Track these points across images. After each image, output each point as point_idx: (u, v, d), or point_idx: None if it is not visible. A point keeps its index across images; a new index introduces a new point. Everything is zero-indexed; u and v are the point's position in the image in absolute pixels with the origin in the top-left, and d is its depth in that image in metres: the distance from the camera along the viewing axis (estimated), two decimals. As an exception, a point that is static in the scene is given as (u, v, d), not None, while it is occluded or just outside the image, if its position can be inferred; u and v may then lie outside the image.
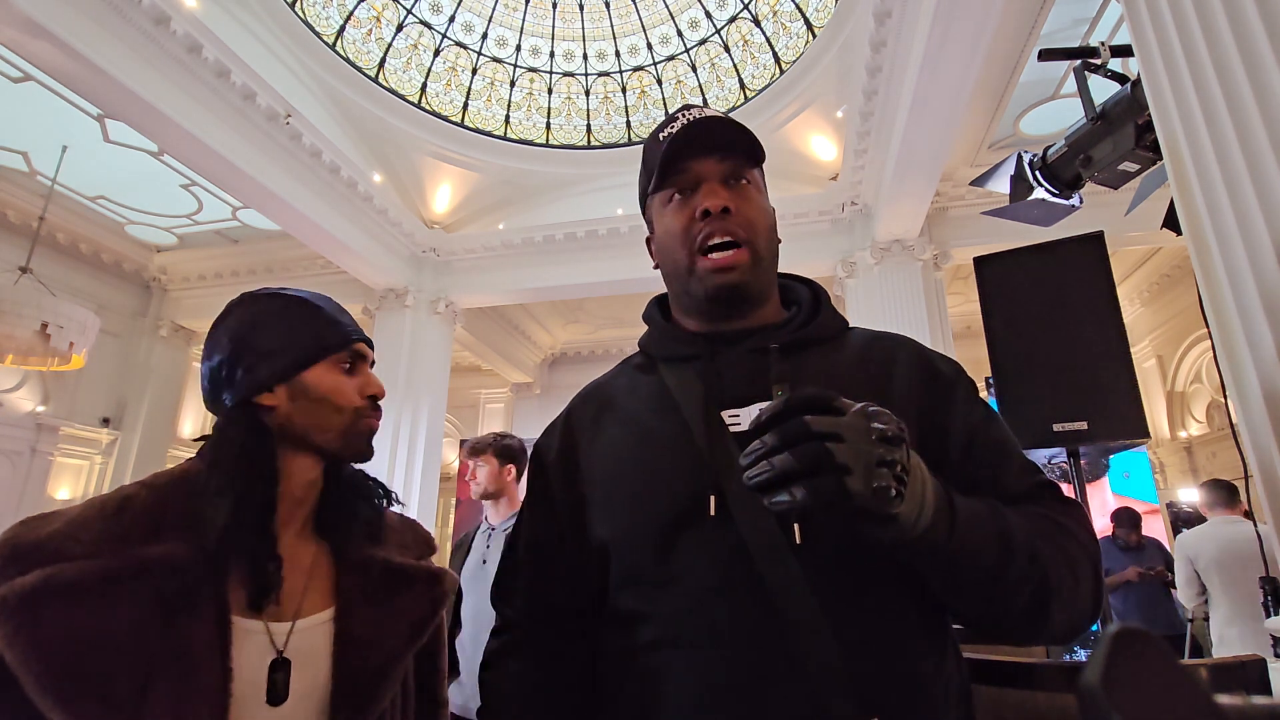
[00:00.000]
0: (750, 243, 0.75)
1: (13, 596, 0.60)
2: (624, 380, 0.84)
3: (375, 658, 0.77)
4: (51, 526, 0.67)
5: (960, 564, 0.58)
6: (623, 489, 0.73)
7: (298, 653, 0.74)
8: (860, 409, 0.52)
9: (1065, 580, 0.61)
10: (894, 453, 0.51)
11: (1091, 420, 1.86)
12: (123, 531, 0.68)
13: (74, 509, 0.70)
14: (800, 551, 0.63)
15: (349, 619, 0.78)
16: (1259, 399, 1.17)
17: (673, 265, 0.79)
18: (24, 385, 6.23)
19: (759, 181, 0.80)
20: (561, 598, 0.79)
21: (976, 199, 5.49)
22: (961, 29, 3.43)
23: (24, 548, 0.64)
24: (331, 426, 0.80)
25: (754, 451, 0.51)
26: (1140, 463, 5.97)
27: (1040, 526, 0.64)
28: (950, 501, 0.58)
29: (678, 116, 0.80)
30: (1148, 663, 0.30)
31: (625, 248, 6.50)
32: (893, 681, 0.61)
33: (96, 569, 0.64)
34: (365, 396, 0.83)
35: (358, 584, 0.80)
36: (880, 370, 0.74)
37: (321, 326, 0.82)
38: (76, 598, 0.62)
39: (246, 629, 0.71)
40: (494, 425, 9.90)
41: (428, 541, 0.94)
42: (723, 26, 6.70)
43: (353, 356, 0.84)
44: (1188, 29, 1.34)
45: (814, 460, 0.49)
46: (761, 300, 0.79)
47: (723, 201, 0.74)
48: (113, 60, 3.87)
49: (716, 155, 0.77)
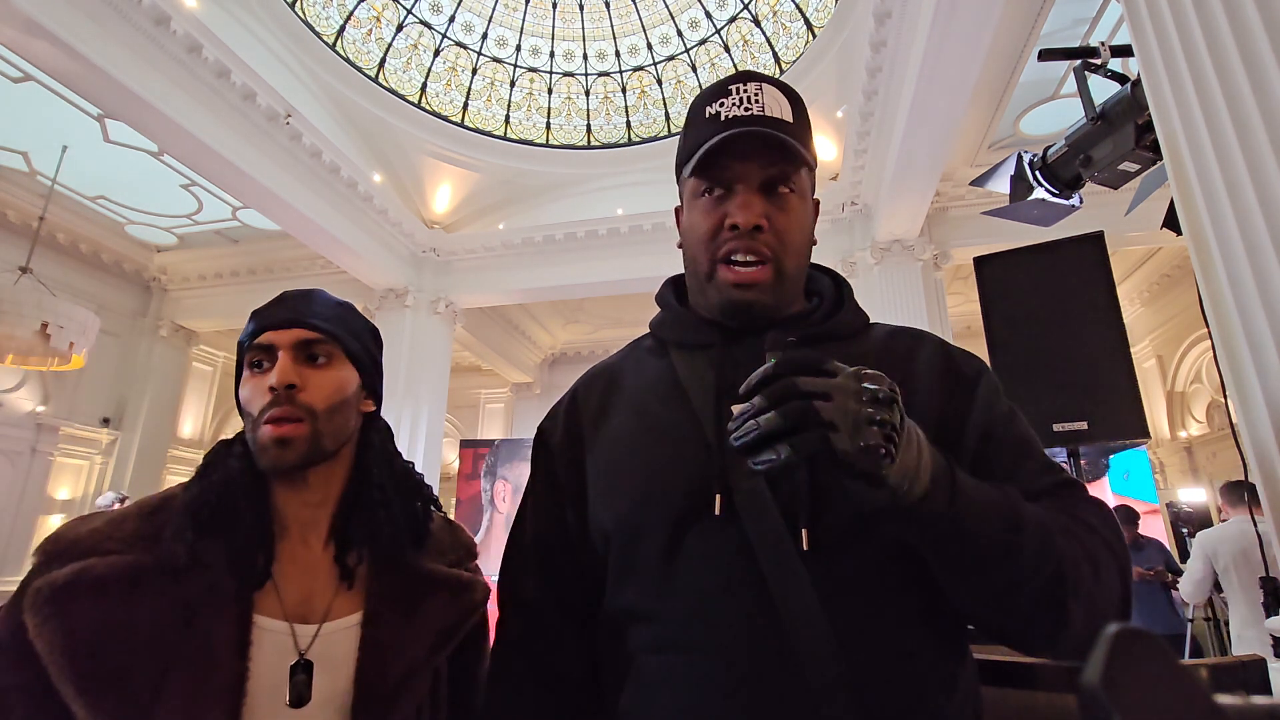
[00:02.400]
0: (777, 260, 0.70)
1: (46, 588, 0.63)
2: (633, 364, 0.80)
3: (397, 665, 0.75)
4: (93, 524, 0.69)
5: (964, 540, 0.55)
6: (626, 480, 0.70)
7: (322, 656, 0.72)
8: (853, 370, 0.51)
9: (1085, 576, 0.57)
10: (884, 413, 0.50)
11: (1091, 420, 1.86)
12: (155, 530, 0.69)
13: (121, 509, 0.73)
14: (807, 556, 0.60)
15: (376, 624, 0.76)
16: (1259, 399, 1.17)
17: (692, 262, 0.75)
18: (24, 385, 6.23)
19: (805, 186, 0.73)
20: (568, 589, 0.76)
21: (976, 199, 5.49)
22: (961, 29, 3.43)
23: (64, 543, 0.67)
24: (254, 442, 0.74)
25: (743, 414, 0.50)
26: (1140, 463, 5.97)
27: (1058, 520, 0.60)
28: (951, 472, 0.56)
29: (731, 90, 0.70)
30: (1148, 663, 0.30)
31: (625, 248, 6.49)
32: (898, 695, 0.58)
33: (125, 565, 0.66)
34: (271, 390, 0.73)
35: (387, 589, 0.78)
36: (901, 365, 0.70)
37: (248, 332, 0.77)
38: (103, 592, 0.64)
39: (270, 629, 0.70)
40: (494, 425, 9.91)
41: (468, 547, 0.91)
42: (723, 26, 6.70)
43: (259, 354, 0.75)
44: (1188, 29, 1.34)
45: (799, 417, 0.48)
46: (778, 313, 0.73)
47: (755, 219, 0.68)
48: (113, 60, 3.86)
49: (761, 160, 0.69)
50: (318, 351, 0.77)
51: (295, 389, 0.74)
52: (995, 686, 0.86)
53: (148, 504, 0.73)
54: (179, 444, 7.58)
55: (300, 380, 0.74)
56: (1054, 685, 0.83)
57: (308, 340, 0.76)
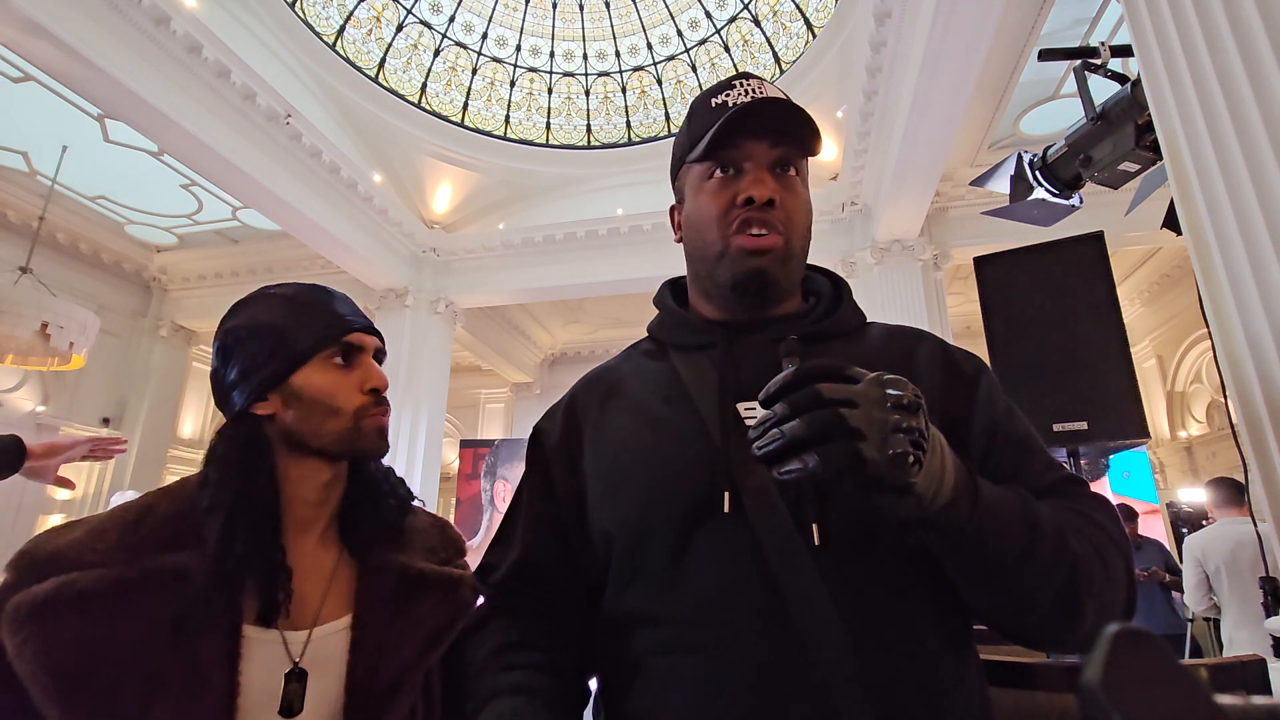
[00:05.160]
0: (787, 236, 0.71)
1: (25, 605, 0.60)
2: (631, 366, 0.80)
3: (389, 668, 0.74)
4: (72, 535, 0.66)
5: (984, 547, 0.55)
6: (630, 482, 0.69)
7: (314, 661, 0.71)
8: (875, 376, 0.50)
9: (1096, 573, 0.58)
10: (910, 419, 0.48)
11: (1091, 420, 1.86)
12: (138, 541, 0.67)
13: (98, 517, 0.69)
14: (818, 553, 0.59)
15: (365, 627, 0.75)
16: (1259, 399, 1.17)
17: (700, 245, 0.75)
18: (24, 385, 6.23)
19: (806, 174, 0.76)
20: (554, 580, 0.75)
21: (976, 199, 5.49)
22: (961, 29, 3.43)
23: (42, 556, 0.63)
24: (329, 429, 0.76)
25: (763, 422, 0.49)
26: (1140, 463, 5.97)
27: (1068, 519, 0.60)
28: (973, 479, 0.55)
29: (735, 84, 0.73)
30: (1148, 663, 0.30)
31: (625, 248, 6.49)
32: (911, 692, 0.58)
33: (108, 578, 0.63)
34: (367, 391, 0.78)
35: (376, 590, 0.77)
36: (901, 364, 0.70)
37: (310, 321, 0.78)
38: (86, 607, 0.61)
39: (261, 639, 0.69)
40: (494, 425, 9.91)
41: (457, 544, 0.90)
42: (723, 26, 6.69)
43: (345, 350, 0.79)
44: (1188, 29, 1.34)
45: (826, 426, 0.46)
46: (785, 294, 0.75)
47: (769, 192, 0.69)
48: (113, 60, 3.86)
49: (771, 140, 0.71)
50: (380, 358, 0.84)
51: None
52: (995, 686, 0.86)
53: (128, 513, 0.69)
54: (179, 444, 7.57)
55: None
56: (1054, 685, 0.83)
57: (379, 351, 0.84)
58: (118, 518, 0.69)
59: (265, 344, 0.76)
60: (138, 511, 0.69)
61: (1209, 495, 3.36)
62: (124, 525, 0.68)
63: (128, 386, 7.14)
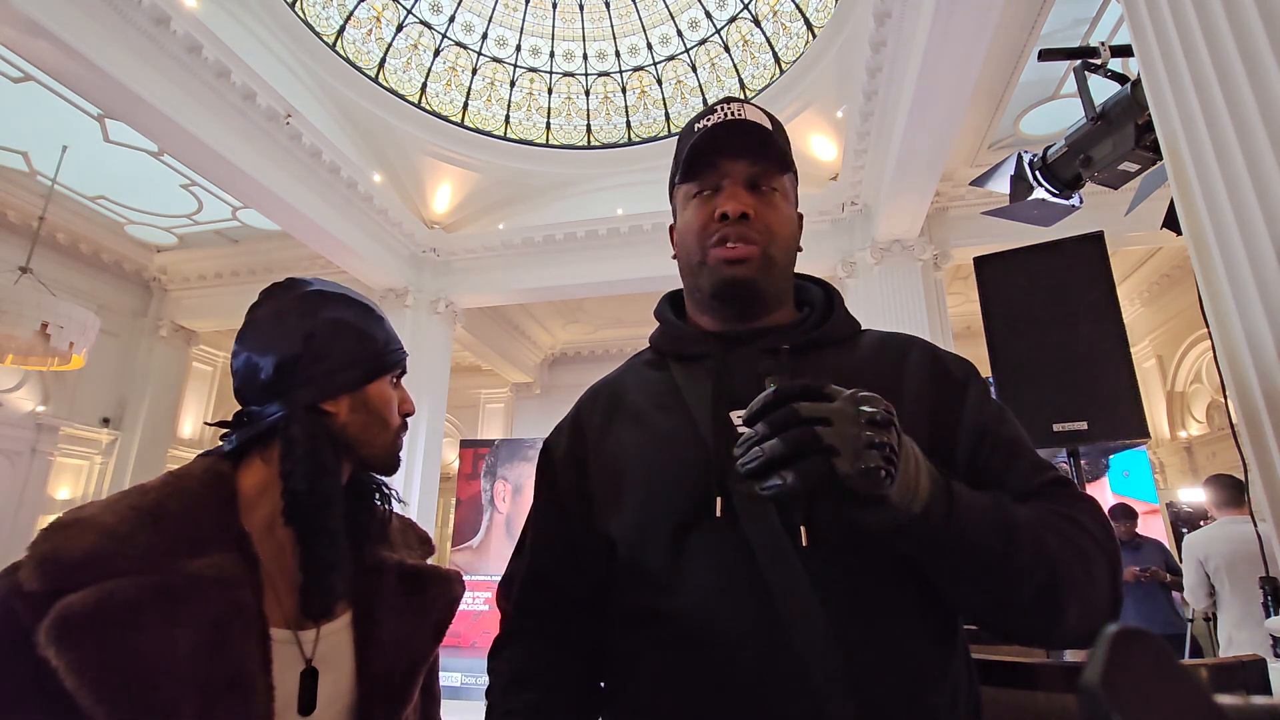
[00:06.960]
0: (764, 247, 0.74)
1: (75, 617, 0.54)
2: (633, 377, 0.84)
3: (403, 660, 0.78)
4: (88, 537, 0.60)
5: (961, 551, 0.57)
6: (630, 488, 0.73)
7: (324, 659, 0.73)
8: (849, 395, 0.53)
9: (1076, 573, 0.59)
10: (883, 435, 0.51)
11: (1091, 420, 1.86)
12: (169, 544, 0.63)
13: (96, 513, 0.63)
14: (806, 554, 0.62)
15: (370, 623, 0.78)
16: (1259, 399, 1.17)
17: (686, 259, 0.80)
18: (24, 385, 6.23)
19: (787, 190, 0.79)
20: (564, 590, 0.79)
21: (976, 199, 5.49)
22: (961, 29, 3.43)
23: (71, 561, 0.57)
24: (379, 441, 0.81)
25: (746, 441, 0.52)
26: (1140, 463, 5.96)
27: (1049, 520, 0.62)
28: (948, 487, 0.58)
29: (717, 109, 0.78)
30: (1148, 663, 0.30)
31: (625, 248, 6.49)
32: (896, 689, 0.60)
33: (152, 585, 0.59)
34: (402, 414, 0.85)
35: (375, 586, 0.80)
36: (892, 370, 0.74)
37: (389, 338, 0.85)
38: (139, 618, 0.57)
39: (280, 640, 0.70)
40: (494, 425, 9.90)
41: (426, 541, 0.95)
42: (723, 26, 6.69)
43: (401, 374, 0.87)
44: (1188, 29, 1.34)
45: (801, 444, 0.50)
46: (773, 303, 0.79)
47: (742, 206, 0.74)
48: (113, 60, 3.86)
49: (747, 159, 0.76)
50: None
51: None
52: (995, 687, 0.86)
53: (142, 513, 0.64)
54: (179, 444, 7.57)
55: None
56: (1054, 685, 0.83)
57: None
58: (133, 518, 0.63)
59: (353, 346, 0.80)
60: (152, 511, 0.65)
61: (1208, 494, 3.36)
62: (148, 526, 0.63)
63: (128, 386, 7.14)
